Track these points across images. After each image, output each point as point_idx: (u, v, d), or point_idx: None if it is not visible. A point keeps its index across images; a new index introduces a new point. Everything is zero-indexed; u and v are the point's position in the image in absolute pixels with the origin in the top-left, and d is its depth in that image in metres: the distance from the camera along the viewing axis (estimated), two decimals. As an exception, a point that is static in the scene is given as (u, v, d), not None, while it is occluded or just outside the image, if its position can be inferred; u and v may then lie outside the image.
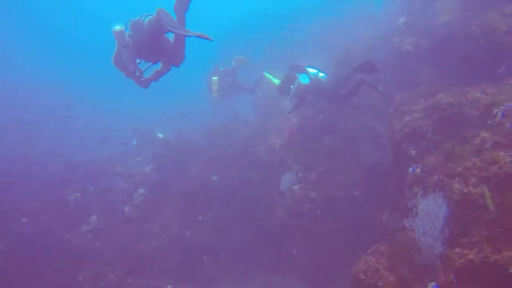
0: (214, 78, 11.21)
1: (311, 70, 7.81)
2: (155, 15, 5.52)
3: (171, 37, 6.10)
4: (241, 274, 9.08)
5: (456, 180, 3.80)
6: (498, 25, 5.81)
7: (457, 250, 3.26)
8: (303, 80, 7.47)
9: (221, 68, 11.63)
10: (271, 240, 8.43)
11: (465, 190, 3.59)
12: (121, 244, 8.71)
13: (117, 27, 5.70)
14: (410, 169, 4.85)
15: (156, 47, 5.88)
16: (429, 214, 3.77)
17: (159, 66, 6.38)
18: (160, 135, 14.38)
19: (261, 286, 8.70)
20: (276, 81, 8.85)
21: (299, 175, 8.27)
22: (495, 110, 4.13)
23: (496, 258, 2.93)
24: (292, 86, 7.84)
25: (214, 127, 12.75)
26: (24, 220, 8.91)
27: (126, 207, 10.08)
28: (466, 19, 6.73)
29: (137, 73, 6.14)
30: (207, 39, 5.00)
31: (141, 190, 10.68)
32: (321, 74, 7.89)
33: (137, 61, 6.00)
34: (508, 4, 6.29)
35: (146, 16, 5.81)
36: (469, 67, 6.13)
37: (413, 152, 5.04)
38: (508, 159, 3.35)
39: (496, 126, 3.93)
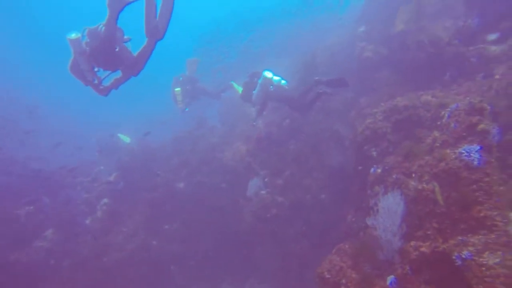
0: (177, 89, 11.10)
1: (275, 77, 7.97)
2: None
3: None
4: (210, 282, 8.91)
5: (412, 176, 3.99)
6: (442, 36, 6.35)
7: (412, 243, 3.41)
8: (266, 75, 7.65)
9: (181, 79, 11.51)
10: (240, 246, 8.37)
11: (419, 187, 3.78)
12: (81, 259, 8.24)
13: (73, 35, 5.56)
14: (372, 170, 5.04)
15: (113, 55, 5.82)
16: (389, 211, 3.92)
17: (118, 74, 6.29)
18: (127, 140, 13.86)
19: (230, 294, 8.59)
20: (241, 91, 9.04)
21: (266, 180, 8.32)
22: (443, 112, 4.41)
23: (443, 247, 3.09)
24: (254, 92, 7.99)
25: (180, 134, 12.53)
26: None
27: (87, 218, 9.58)
28: (417, 29, 7.25)
29: (96, 81, 6.05)
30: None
31: (105, 200, 10.21)
32: (283, 81, 8.05)
33: (95, 69, 5.93)
34: (448, 18, 7.02)
35: (104, 24, 5.73)
36: (422, 73, 6.55)
37: (374, 153, 5.24)
38: (453, 156, 3.57)
39: (444, 126, 4.19)
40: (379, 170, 4.92)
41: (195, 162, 10.37)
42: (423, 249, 3.25)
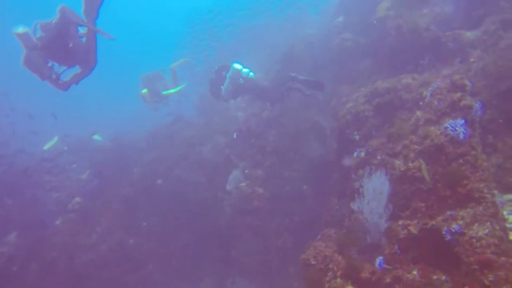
0: (143, 91, 10.69)
1: (244, 70, 7.78)
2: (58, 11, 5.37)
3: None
4: (191, 279, 8.60)
5: (397, 156, 3.90)
6: (420, 22, 6.39)
7: (400, 222, 3.30)
8: (235, 67, 7.45)
9: (147, 78, 11.07)
10: (220, 241, 8.10)
11: (405, 166, 3.69)
12: (48, 263, 7.68)
13: (20, 29, 5.36)
14: (355, 153, 4.92)
15: (65, 49, 5.61)
16: (374, 193, 3.81)
17: (78, 69, 6.09)
18: (98, 138, 13.20)
19: (211, 290, 8.31)
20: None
21: (246, 172, 8.10)
22: (425, 92, 4.36)
23: (432, 224, 3.00)
24: (222, 87, 7.76)
25: (155, 129, 12.09)
26: None
27: (57, 219, 8.99)
28: (395, 16, 7.26)
29: (54, 76, 5.84)
30: (109, 37, 5.30)
31: (77, 199, 9.64)
32: (251, 74, 7.89)
33: (49, 64, 5.76)
34: (424, 6, 7.07)
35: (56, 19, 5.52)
36: (401, 59, 6.56)
37: (357, 137, 5.13)
38: (438, 132, 3.50)
39: (426, 106, 4.14)
40: (362, 154, 4.81)
41: (172, 157, 10.00)
42: (411, 227, 3.14)
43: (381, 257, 3.26)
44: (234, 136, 8.30)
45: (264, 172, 8.02)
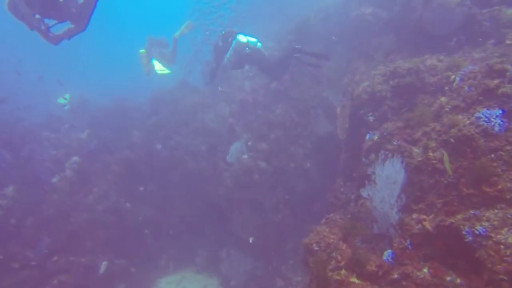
0: (141, 50, 10.14)
1: (251, 39, 7.20)
2: None
3: None
4: (185, 248, 8.60)
5: (416, 144, 3.59)
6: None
7: (414, 216, 3.06)
8: (240, 38, 6.91)
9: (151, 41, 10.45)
10: (217, 212, 7.99)
11: (424, 155, 3.39)
12: (45, 219, 7.62)
13: None
14: (368, 136, 4.62)
15: (55, 4, 5.48)
16: (387, 180, 3.55)
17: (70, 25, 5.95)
18: (62, 101, 12.62)
19: (205, 261, 8.33)
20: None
21: (249, 144, 7.83)
22: (453, 76, 3.97)
23: (451, 221, 2.75)
24: (225, 57, 7.20)
25: (159, 93, 11.69)
26: None
27: (54, 177, 8.85)
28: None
29: (43, 27, 5.64)
30: None
31: (75, 158, 9.43)
32: (259, 44, 7.31)
33: (36, 15, 5.54)
34: None
35: None
36: (426, 38, 6.04)
37: (371, 118, 4.80)
38: (468, 121, 3.17)
39: (454, 91, 3.77)
40: (375, 137, 4.50)
41: (174, 123, 9.72)
42: (426, 223, 2.90)
43: (390, 251, 3.05)
44: (220, 89, 7.73)
45: (269, 146, 7.75)
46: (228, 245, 7.79)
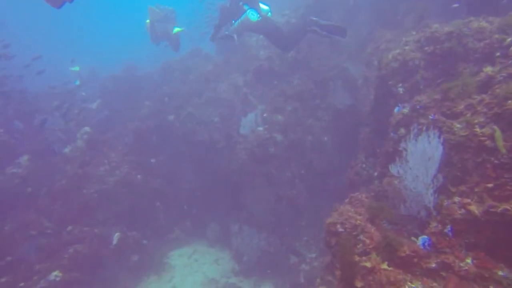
0: (147, 21, 9.41)
1: (263, 6, 6.49)
2: None
3: None
4: (196, 221, 8.53)
5: (457, 118, 3.18)
6: None
7: (456, 199, 2.72)
8: (252, 16, 6.23)
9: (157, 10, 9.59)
10: (230, 186, 7.79)
11: (468, 131, 2.99)
12: (59, 189, 7.57)
13: None
14: (397, 108, 4.20)
15: None
16: (422, 157, 3.17)
17: None
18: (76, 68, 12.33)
19: (216, 235, 8.25)
20: None
21: (265, 115, 7.46)
22: (509, 39, 3.45)
23: (505, 208, 2.40)
24: (234, 21, 6.44)
25: (170, 61, 11.26)
26: None
27: (66, 147, 8.76)
28: None
29: None
30: None
31: (86, 129, 9.28)
32: (269, 13, 6.60)
33: None
34: None
35: None
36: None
37: (401, 89, 4.36)
38: (527, 94, 2.73)
39: (509, 56, 3.27)
40: (406, 110, 4.08)
41: (186, 93, 9.36)
42: (471, 207, 2.55)
43: (425, 236, 2.75)
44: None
45: (285, 118, 7.38)
46: (240, 219, 7.65)
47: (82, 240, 6.72)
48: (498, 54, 3.49)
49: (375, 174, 4.79)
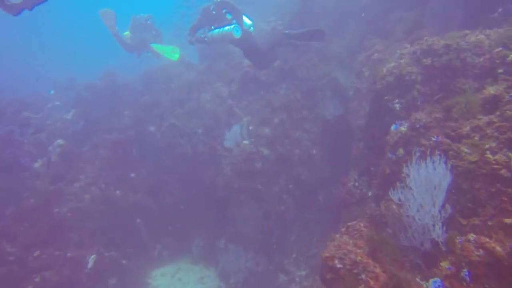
0: (125, 33, 9.15)
1: (246, 20, 6.13)
2: None
3: None
4: (180, 238, 8.06)
5: (463, 142, 2.91)
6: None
7: (471, 237, 2.42)
8: (236, 33, 5.88)
9: (149, 22, 9.30)
10: (215, 201, 7.37)
11: (478, 156, 2.72)
12: (26, 208, 6.95)
13: None
14: (393, 126, 3.92)
15: None
16: (428, 184, 2.89)
17: None
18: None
19: (201, 250, 7.81)
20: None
21: (250, 128, 7.11)
22: (511, 55, 3.23)
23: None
24: (214, 29, 6.11)
25: (152, 70, 10.77)
26: None
27: (36, 162, 8.12)
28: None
29: None
30: None
31: (59, 141, 8.67)
32: (251, 28, 6.25)
33: None
34: None
35: None
36: (462, 10, 5.24)
37: (397, 105, 4.09)
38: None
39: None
40: (403, 128, 3.81)
41: (168, 103, 8.90)
42: (490, 246, 2.25)
43: (438, 279, 2.43)
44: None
45: (272, 130, 7.04)
46: (227, 236, 7.24)
47: (52, 266, 6.13)
48: (500, 70, 3.26)
49: (370, 194, 4.51)
